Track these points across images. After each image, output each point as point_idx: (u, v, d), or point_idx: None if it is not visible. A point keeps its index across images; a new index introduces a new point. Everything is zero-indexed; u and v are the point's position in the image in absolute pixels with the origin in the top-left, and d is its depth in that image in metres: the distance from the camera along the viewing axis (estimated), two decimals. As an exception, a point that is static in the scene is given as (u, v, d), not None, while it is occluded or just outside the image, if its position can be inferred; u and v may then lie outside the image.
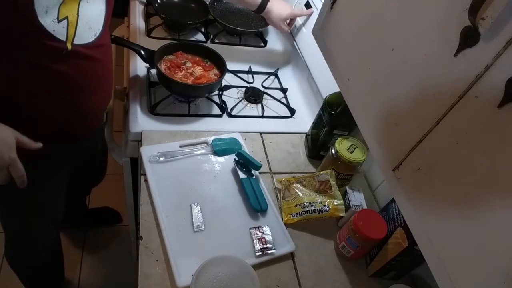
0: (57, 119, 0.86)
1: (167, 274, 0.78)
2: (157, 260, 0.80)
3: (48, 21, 0.70)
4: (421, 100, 0.54)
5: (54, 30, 0.72)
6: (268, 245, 0.86)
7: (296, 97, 1.29)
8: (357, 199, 0.94)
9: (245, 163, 0.99)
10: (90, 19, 0.78)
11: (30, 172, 0.80)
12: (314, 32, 0.86)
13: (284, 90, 1.30)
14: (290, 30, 1.31)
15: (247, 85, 1.27)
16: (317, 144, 1.08)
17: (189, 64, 1.14)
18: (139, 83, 1.15)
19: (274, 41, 1.52)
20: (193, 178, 0.95)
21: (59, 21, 0.72)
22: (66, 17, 0.73)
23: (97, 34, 0.82)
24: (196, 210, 0.89)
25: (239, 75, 1.30)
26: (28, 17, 0.68)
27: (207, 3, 1.44)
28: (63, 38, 0.74)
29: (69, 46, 0.76)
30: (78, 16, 0.75)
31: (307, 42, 1.22)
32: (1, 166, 0.75)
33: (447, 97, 0.49)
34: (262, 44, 1.49)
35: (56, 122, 0.87)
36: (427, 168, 0.53)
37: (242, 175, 0.97)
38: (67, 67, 0.78)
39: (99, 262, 1.71)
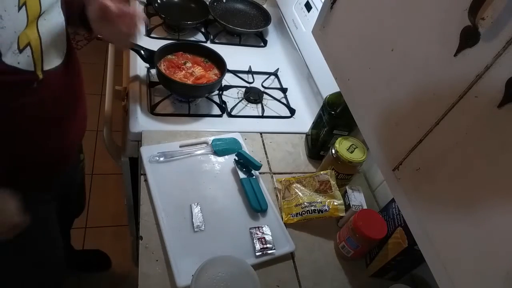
0: (31, 159, 0.78)
1: (167, 274, 0.78)
2: (157, 260, 0.80)
3: (9, 55, 0.60)
4: (421, 100, 0.54)
5: (18, 63, 0.62)
6: (268, 245, 0.86)
7: (296, 97, 1.29)
8: (357, 199, 0.94)
9: (245, 163, 0.99)
10: (53, 37, 0.69)
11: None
12: (314, 32, 0.86)
13: (284, 90, 1.30)
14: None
15: (247, 85, 1.27)
16: (317, 144, 1.08)
17: (189, 64, 1.14)
18: (139, 83, 1.15)
19: (274, 41, 1.53)
20: (193, 178, 0.95)
21: (21, 50, 0.62)
22: (28, 43, 0.63)
23: (65, 52, 0.73)
24: (196, 210, 0.89)
25: (239, 75, 1.30)
26: None
27: (207, 3, 1.44)
28: (30, 68, 0.64)
29: (40, 74, 0.67)
30: (40, 38, 0.65)
31: (307, 42, 1.22)
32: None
33: (447, 97, 0.49)
34: (262, 44, 1.49)
35: (29, 163, 0.78)
36: (427, 168, 0.53)
37: (242, 175, 0.97)
38: (40, 98, 0.69)
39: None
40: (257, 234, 0.88)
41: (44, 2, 0.64)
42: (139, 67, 1.19)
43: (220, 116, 1.15)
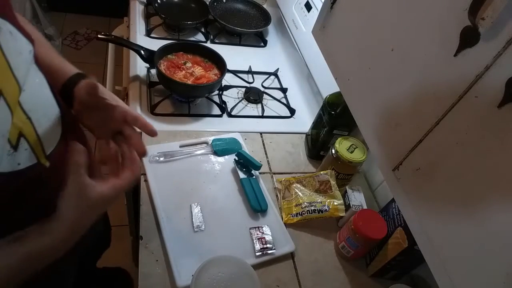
0: None
1: (167, 274, 0.78)
2: (157, 260, 0.80)
3: (5, 162, 0.46)
4: (421, 100, 0.54)
5: (19, 164, 0.48)
6: (268, 245, 0.86)
7: (296, 97, 1.29)
8: (357, 199, 0.94)
9: (245, 163, 0.99)
10: (42, 106, 0.53)
11: None
12: (314, 32, 0.86)
13: (284, 90, 1.30)
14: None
15: (247, 85, 1.27)
16: (317, 144, 1.08)
17: (189, 64, 1.14)
18: (139, 83, 1.15)
19: (274, 41, 1.53)
20: (193, 178, 0.95)
21: (16, 147, 0.47)
22: (20, 133, 0.48)
23: (58, 114, 0.56)
24: (196, 210, 0.89)
25: (239, 75, 1.30)
26: None
27: (207, 3, 1.44)
28: (33, 161, 0.50)
29: (45, 162, 0.52)
30: (29, 118, 0.50)
31: (307, 42, 1.22)
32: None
33: (447, 97, 0.49)
34: (262, 44, 1.49)
35: None
36: (427, 168, 0.53)
37: (242, 175, 0.97)
38: (53, 187, 0.53)
39: (99, 262, 1.70)
40: (257, 234, 0.88)
41: (20, 74, 0.47)
42: (139, 67, 1.19)
43: (220, 116, 1.15)
